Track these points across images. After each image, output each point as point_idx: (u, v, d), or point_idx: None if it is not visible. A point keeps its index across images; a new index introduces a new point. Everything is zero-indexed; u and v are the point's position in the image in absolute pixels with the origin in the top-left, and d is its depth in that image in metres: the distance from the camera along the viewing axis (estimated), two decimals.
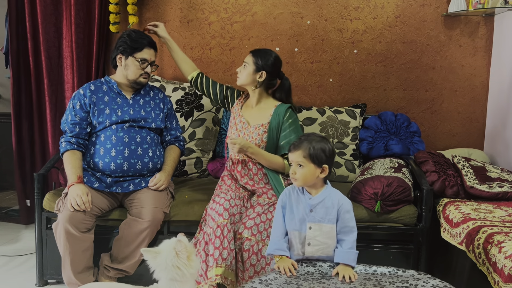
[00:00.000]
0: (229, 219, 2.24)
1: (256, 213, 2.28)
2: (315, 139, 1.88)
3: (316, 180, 1.88)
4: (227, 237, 2.18)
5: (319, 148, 1.85)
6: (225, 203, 2.28)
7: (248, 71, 2.48)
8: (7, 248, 3.17)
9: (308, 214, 1.89)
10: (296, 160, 1.87)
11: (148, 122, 2.57)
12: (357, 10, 3.27)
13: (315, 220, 1.87)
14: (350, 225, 1.87)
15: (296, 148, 1.88)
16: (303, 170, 1.85)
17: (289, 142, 2.35)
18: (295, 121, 2.49)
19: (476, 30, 3.24)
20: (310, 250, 1.89)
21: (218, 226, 2.21)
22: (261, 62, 2.47)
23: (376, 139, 3.08)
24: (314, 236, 1.87)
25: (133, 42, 2.48)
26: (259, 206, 2.32)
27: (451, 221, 2.31)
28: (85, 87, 2.55)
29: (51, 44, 3.32)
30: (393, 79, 3.32)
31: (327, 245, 1.88)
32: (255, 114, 2.53)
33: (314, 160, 1.85)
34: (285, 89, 2.55)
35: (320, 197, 1.89)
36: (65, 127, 2.51)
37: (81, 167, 2.45)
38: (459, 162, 2.69)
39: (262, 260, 2.18)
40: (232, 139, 2.33)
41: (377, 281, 1.77)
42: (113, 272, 2.44)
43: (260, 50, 2.53)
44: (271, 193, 2.40)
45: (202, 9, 3.33)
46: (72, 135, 2.48)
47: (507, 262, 1.77)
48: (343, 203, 1.87)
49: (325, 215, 1.87)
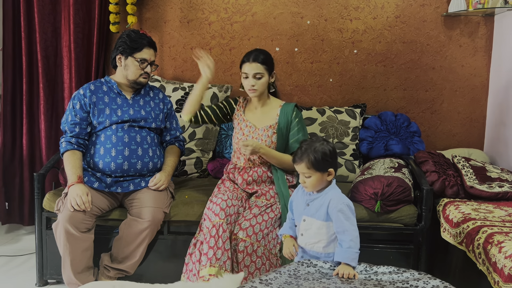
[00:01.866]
0: (225, 219, 2.24)
1: (252, 214, 2.28)
2: (315, 145, 1.90)
3: (325, 183, 1.94)
4: (222, 237, 2.19)
5: (320, 155, 1.88)
6: (222, 203, 2.29)
7: (265, 80, 2.46)
8: (7, 248, 3.17)
9: (305, 207, 1.96)
10: (301, 171, 1.92)
11: (148, 122, 2.57)
12: (357, 10, 3.27)
13: (309, 214, 1.94)
14: (344, 225, 1.87)
15: (299, 160, 1.91)
16: (311, 179, 1.91)
17: (298, 141, 2.41)
18: (301, 119, 2.53)
19: (476, 30, 3.24)
20: (301, 240, 1.97)
21: (214, 226, 2.22)
22: (269, 66, 2.46)
23: (376, 139, 3.08)
24: (306, 229, 1.94)
25: (133, 42, 2.48)
26: (256, 208, 2.32)
27: (451, 221, 2.31)
28: (85, 87, 2.55)
29: (48, 43, 3.30)
30: (393, 79, 3.32)
31: (317, 241, 1.92)
32: (261, 116, 2.53)
33: (319, 168, 1.89)
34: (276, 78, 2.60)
35: (318, 194, 1.94)
36: (65, 127, 2.51)
37: (81, 167, 2.45)
38: (459, 162, 2.69)
39: (258, 260, 2.19)
40: (244, 142, 2.35)
41: (377, 281, 1.77)
42: (113, 272, 2.44)
43: (261, 54, 2.46)
44: (270, 194, 2.40)
45: (202, 9, 3.33)
46: (72, 135, 2.48)
47: (507, 262, 1.77)
48: (334, 203, 1.88)
49: (316, 211, 1.92)
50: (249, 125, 2.52)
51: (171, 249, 2.54)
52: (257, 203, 2.36)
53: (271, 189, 2.43)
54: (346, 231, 1.86)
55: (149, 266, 2.54)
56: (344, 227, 1.87)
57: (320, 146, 1.90)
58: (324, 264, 1.89)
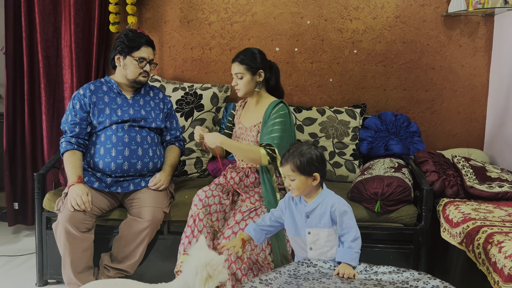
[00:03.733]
0: (202, 209, 2.29)
1: (235, 221, 2.29)
2: (303, 149, 1.89)
3: (310, 188, 1.91)
4: (198, 225, 2.26)
5: (306, 159, 1.87)
6: (201, 194, 2.33)
7: (246, 80, 2.42)
8: (7, 248, 3.17)
9: (305, 220, 1.93)
10: (286, 174, 1.91)
11: (148, 122, 2.57)
12: (357, 10, 3.27)
13: (312, 225, 1.91)
14: (347, 226, 1.87)
15: (285, 162, 1.91)
16: (295, 182, 1.89)
17: (270, 133, 2.31)
18: (283, 118, 2.35)
19: (476, 30, 3.24)
20: (313, 255, 1.93)
21: (191, 216, 2.30)
22: (253, 64, 2.41)
23: (376, 139, 3.08)
24: (314, 240, 1.91)
25: (131, 42, 2.48)
26: (239, 214, 2.32)
27: (451, 221, 2.31)
28: (85, 87, 2.55)
29: (49, 44, 3.31)
30: (393, 79, 3.32)
31: (329, 248, 1.90)
32: (251, 115, 2.50)
33: (303, 172, 1.87)
34: (276, 74, 2.52)
35: (314, 204, 1.92)
36: (65, 127, 2.51)
37: (81, 167, 2.45)
38: (459, 162, 2.69)
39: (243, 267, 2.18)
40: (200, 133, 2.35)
41: (377, 281, 1.77)
42: (113, 272, 2.44)
43: (242, 54, 2.45)
44: (255, 198, 2.38)
45: (202, 9, 3.33)
46: (72, 135, 2.48)
47: (507, 262, 1.77)
48: (336, 207, 1.88)
49: (319, 220, 1.90)
50: (240, 127, 2.52)
51: (171, 249, 2.54)
52: (241, 208, 2.35)
53: (257, 193, 2.40)
54: (349, 232, 1.87)
55: (149, 266, 2.54)
56: (348, 228, 1.87)
57: (307, 149, 1.89)
58: (324, 264, 1.89)
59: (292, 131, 2.43)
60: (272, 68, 2.52)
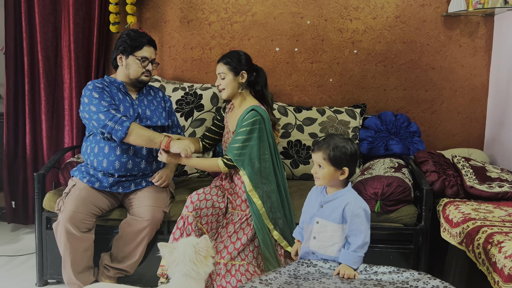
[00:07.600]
0: (193, 212, 2.28)
1: (227, 234, 2.31)
2: (338, 141, 1.89)
3: (335, 181, 1.91)
4: (187, 229, 2.26)
5: (339, 151, 1.86)
6: (194, 197, 2.33)
7: (229, 79, 2.41)
8: (7, 248, 3.17)
9: (318, 209, 1.93)
10: (316, 161, 1.90)
11: (154, 120, 2.57)
12: (357, 10, 3.27)
13: (323, 216, 1.91)
14: (358, 229, 1.85)
15: (318, 149, 1.90)
16: (322, 171, 1.89)
17: (232, 143, 2.34)
18: (253, 126, 2.32)
19: (476, 30, 3.24)
20: (314, 244, 1.93)
21: (182, 218, 2.30)
22: (235, 64, 2.41)
23: (376, 139, 3.08)
24: (319, 231, 1.91)
25: (133, 41, 2.48)
26: (231, 225, 2.33)
27: (451, 221, 2.32)
28: (95, 81, 2.50)
29: (49, 43, 3.31)
30: (393, 79, 3.32)
31: (331, 244, 1.89)
32: (234, 119, 2.47)
33: (334, 163, 1.87)
34: (262, 79, 2.50)
35: (333, 196, 1.92)
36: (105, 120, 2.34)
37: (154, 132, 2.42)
38: (459, 162, 2.69)
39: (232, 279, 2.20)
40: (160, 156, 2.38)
41: (377, 281, 1.77)
42: (113, 272, 2.44)
43: (227, 55, 2.45)
44: (246, 204, 2.37)
45: (202, 9, 3.33)
46: (119, 115, 2.36)
47: (507, 262, 1.77)
48: (351, 206, 1.86)
49: (331, 213, 1.89)
50: (227, 131, 2.53)
51: None
52: (233, 218, 2.36)
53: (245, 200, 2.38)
54: (357, 235, 1.85)
55: (149, 266, 2.54)
56: (356, 230, 1.85)
57: (343, 142, 1.88)
58: (324, 264, 1.89)
59: (263, 136, 2.36)
60: (259, 73, 2.49)
